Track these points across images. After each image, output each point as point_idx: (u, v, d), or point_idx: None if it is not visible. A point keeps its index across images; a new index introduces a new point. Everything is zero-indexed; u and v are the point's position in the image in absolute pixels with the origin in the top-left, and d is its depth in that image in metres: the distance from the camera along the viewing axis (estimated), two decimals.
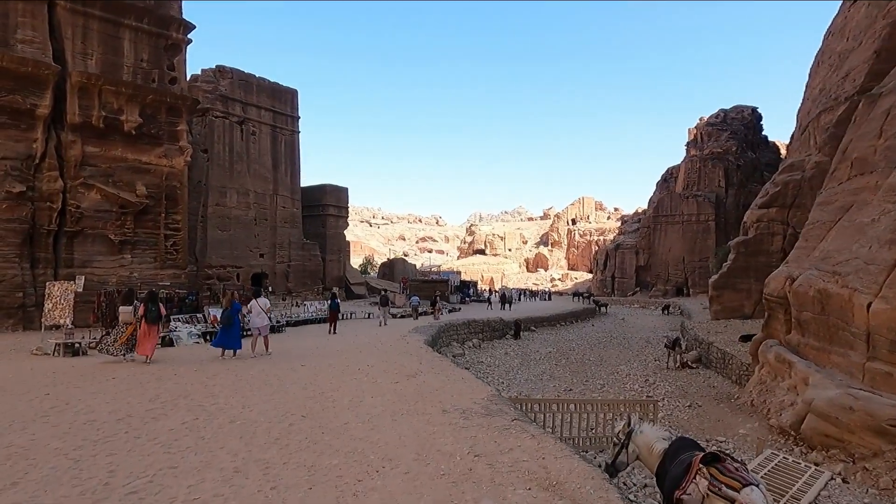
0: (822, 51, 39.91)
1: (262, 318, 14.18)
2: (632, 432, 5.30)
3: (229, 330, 13.52)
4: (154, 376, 10.51)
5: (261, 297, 14.59)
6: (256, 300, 14.36)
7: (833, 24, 38.85)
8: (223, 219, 42.13)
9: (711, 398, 13.66)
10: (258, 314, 14.13)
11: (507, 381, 17.50)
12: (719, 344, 18.39)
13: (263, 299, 14.58)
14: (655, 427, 5.41)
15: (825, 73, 36.58)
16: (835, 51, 36.23)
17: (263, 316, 14.22)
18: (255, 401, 8.24)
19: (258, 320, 14.16)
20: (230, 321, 13.51)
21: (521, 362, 22.28)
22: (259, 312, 14.13)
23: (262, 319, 14.19)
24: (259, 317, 14.13)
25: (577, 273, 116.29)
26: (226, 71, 43.66)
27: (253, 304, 14.25)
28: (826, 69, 37.03)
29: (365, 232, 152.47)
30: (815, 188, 25.67)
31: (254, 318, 14.19)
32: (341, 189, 55.10)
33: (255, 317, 14.15)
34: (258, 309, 14.13)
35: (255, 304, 14.20)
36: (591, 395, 15.40)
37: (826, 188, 13.80)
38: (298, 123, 49.01)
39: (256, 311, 14.14)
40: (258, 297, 14.55)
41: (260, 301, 14.31)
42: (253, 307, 14.20)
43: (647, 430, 5.25)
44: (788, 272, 12.70)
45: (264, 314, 14.25)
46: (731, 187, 73.68)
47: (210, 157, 41.72)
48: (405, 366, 11.35)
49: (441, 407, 7.34)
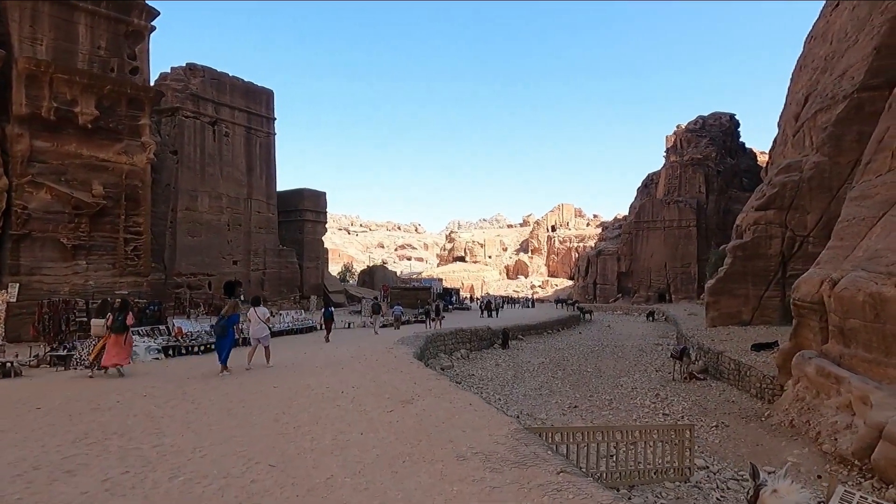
0: (805, 55, 39.60)
1: (261, 327, 13.48)
2: (761, 489, 3.65)
3: (224, 342, 12.72)
4: (90, 404, 8.60)
5: (259, 306, 13.84)
6: (255, 309, 13.61)
7: (815, 29, 38.54)
8: (194, 224, 39.82)
9: (737, 416, 12.23)
10: (256, 323, 13.45)
11: (504, 398, 15.87)
12: (731, 353, 17.05)
13: (262, 308, 13.87)
14: (794, 485, 3.69)
15: (809, 77, 36.14)
16: (818, 54, 35.82)
17: (263, 326, 13.55)
18: (210, 440, 6.45)
19: (258, 330, 13.45)
20: (224, 332, 12.75)
21: (514, 375, 20.69)
22: (257, 322, 13.45)
23: (261, 329, 13.49)
24: (258, 326, 13.44)
25: (557, 280, 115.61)
26: (197, 69, 41.50)
27: (251, 312, 13.58)
28: (810, 72, 36.60)
29: (343, 239, 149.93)
30: (815, 189, 24.74)
31: (252, 327, 13.57)
32: (319, 194, 53.05)
33: (254, 326, 13.49)
34: (256, 318, 13.45)
35: (254, 313, 13.49)
36: (599, 413, 13.87)
37: (860, 182, 12.56)
38: (274, 125, 46.96)
39: (255, 321, 13.46)
40: (257, 306, 13.78)
41: (258, 310, 13.58)
42: (251, 316, 13.53)
43: (783, 490, 3.56)
44: (823, 274, 11.37)
45: (263, 324, 13.57)
46: (712, 193, 73.60)
47: (180, 159, 39.46)
48: (398, 387, 9.58)
49: (454, 449, 5.58)
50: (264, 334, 13.61)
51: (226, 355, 12.61)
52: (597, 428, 8.48)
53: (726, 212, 72.98)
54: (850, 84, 24.66)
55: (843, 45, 28.95)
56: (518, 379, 19.85)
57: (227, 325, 12.83)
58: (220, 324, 12.92)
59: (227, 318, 12.94)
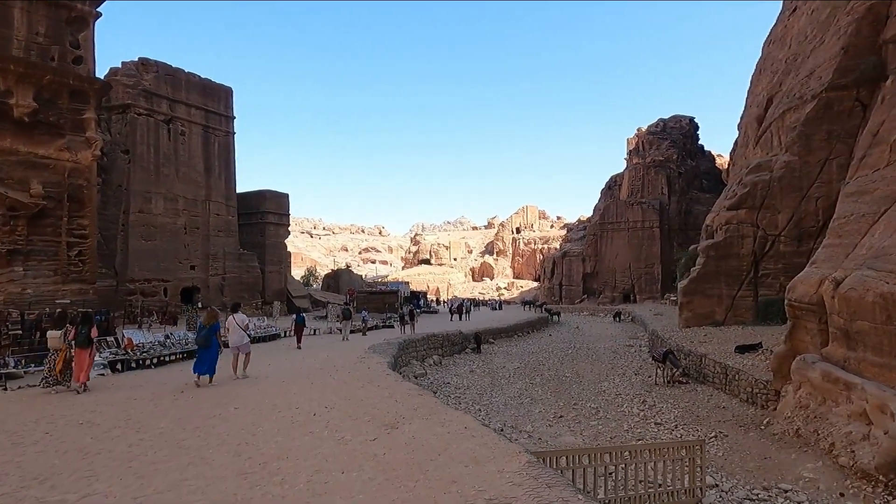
0: (764, 58, 40.22)
1: (240, 335, 13.12)
2: None
3: (206, 352, 12.14)
4: (11, 437, 7.22)
5: (238, 313, 13.58)
6: (233, 316, 13.29)
7: (773, 34, 39.20)
8: (148, 227, 37.67)
9: (733, 424, 11.58)
10: (235, 331, 13.03)
11: (484, 408, 14.93)
12: (713, 355, 16.54)
13: (240, 315, 13.58)
14: None
15: (769, 79, 36.63)
16: (777, 58, 36.35)
17: (243, 333, 13.22)
18: (154, 485, 5.25)
19: (237, 338, 13.03)
20: (207, 342, 12.16)
21: (491, 381, 19.80)
22: (237, 329, 13.06)
23: (241, 337, 13.13)
24: (237, 334, 13.05)
25: (522, 281, 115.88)
26: (150, 64, 39.33)
27: (230, 320, 13.21)
28: (770, 75, 37.12)
29: (306, 243, 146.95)
30: (786, 188, 24.73)
31: (231, 335, 13.08)
32: (282, 195, 51.21)
33: (233, 334, 13.05)
34: (236, 325, 13.07)
35: (232, 321, 13.12)
36: (587, 423, 13.07)
37: (855, 178, 12.14)
38: (234, 124, 45.05)
39: (234, 328, 13.04)
40: (235, 313, 13.50)
41: (237, 317, 13.28)
42: (230, 324, 13.13)
43: None
44: (822, 274, 10.83)
45: (243, 331, 13.24)
46: (674, 194, 74.62)
47: (132, 159, 37.29)
48: (378, 406, 8.47)
49: (461, 494, 4.40)
50: (245, 342, 13.22)
51: (210, 367, 12.10)
52: (604, 449, 7.62)
53: (688, 213, 74.19)
54: (819, 84, 24.72)
55: (805, 46, 29.19)
56: (496, 386, 18.98)
57: (210, 335, 12.21)
58: (203, 334, 12.23)
59: (210, 327, 12.31)
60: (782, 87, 31.65)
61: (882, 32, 21.84)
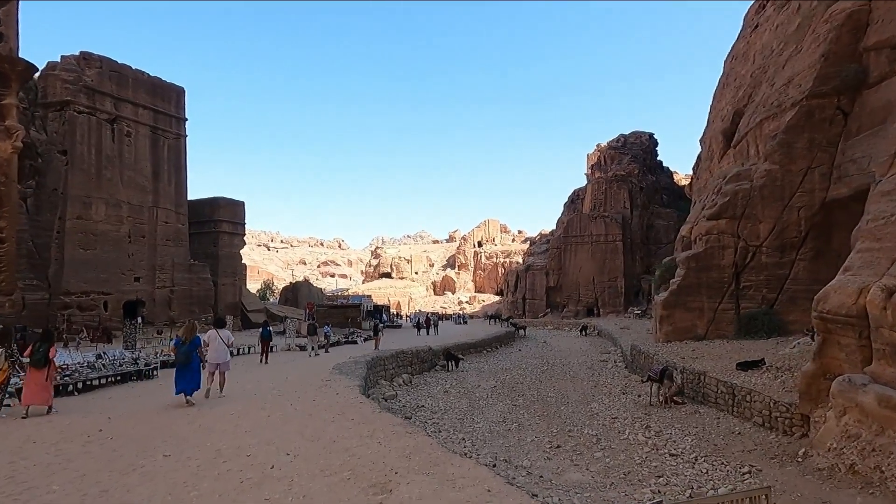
0: (727, 74, 40.41)
1: (223, 351, 12.53)
2: None
3: (187, 369, 11.39)
4: None
5: (223, 329, 13.14)
6: (219, 331, 12.75)
7: (734, 50, 39.43)
8: (87, 235, 34.41)
9: (762, 455, 10.08)
10: (218, 347, 12.41)
11: (468, 436, 13.07)
12: (715, 373, 15.18)
13: (226, 331, 13.07)
14: None
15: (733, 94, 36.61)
16: (741, 73, 36.44)
17: (225, 350, 12.66)
18: None
19: (218, 354, 12.39)
20: (188, 358, 11.47)
21: (469, 403, 17.98)
22: (221, 345, 12.48)
23: (223, 353, 12.54)
24: (219, 350, 12.44)
25: (484, 295, 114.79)
26: (93, 59, 36.29)
27: (212, 334, 12.65)
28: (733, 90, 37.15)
29: (263, 256, 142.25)
30: (767, 197, 24.00)
31: (211, 352, 12.38)
32: (237, 203, 48.34)
33: (214, 351, 12.38)
34: (220, 341, 12.48)
35: (217, 336, 12.53)
36: (591, 455, 11.35)
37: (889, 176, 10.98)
38: (185, 126, 42.17)
39: (217, 344, 12.43)
40: (220, 328, 13.01)
41: (222, 333, 12.76)
42: (212, 338, 12.50)
43: None
44: (862, 282, 9.55)
45: (227, 348, 12.74)
46: (636, 209, 75.00)
47: (70, 160, 34.09)
48: (357, 452, 6.40)
49: None
50: (226, 359, 12.68)
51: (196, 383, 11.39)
52: None
53: (649, 227, 74.68)
54: (798, 91, 24.17)
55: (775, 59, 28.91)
56: (475, 409, 17.16)
57: (192, 351, 11.52)
58: (184, 350, 11.48)
59: (191, 343, 11.62)
60: (752, 98, 31.38)
61: (863, 39, 21.41)
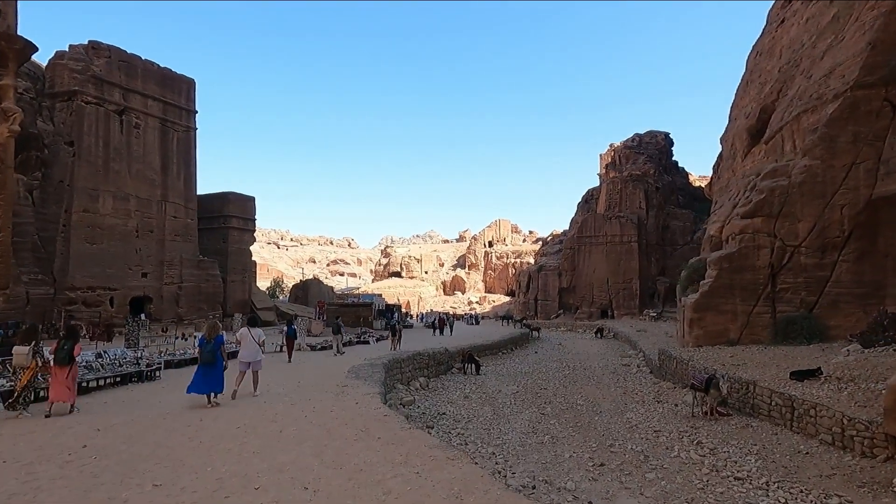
0: (750, 71, 38.96)
1: (255, 349, 12.38)
2: None
3: (211, 369, 10.97)
4: None
5: (255, 327, 13.30)
6: (251, 329, 12.70)
7: (759, 46, 37.96)
8: (93, 229, 33.57)
9: (845, 482, 8.79)
10: (250, 345, 12.30)
11: (499, 450, 11.92)
12: (767, 383, 13.92)
13: (257, 329, 13.05)
14: None
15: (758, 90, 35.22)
16: (766, 69, 35.05)
17: (257, 349, 12.47)
18: None
19: (250, 352, 12.26)
20: (213, 357, 11.05)
21: (493, 411, 16.82)
22: (252, 344, 12.36)
23: (255, 352, 12.38)
24: (251, 348, 12.32)
25: (494, 295, 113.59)
26: (101, 48, 35.49)
27: (244, 332, 12.58)
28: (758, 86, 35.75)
29: (272, 254, 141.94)
30: (807, 195, 22.63)
31: (243, 350, 12.36)
32: (247, 198, 47.44)
33: (246, 349, 12.29)
34: (251, 340, 12.39)
35: (248, 335, 12.46)
36: (642, 476, 10.12)
37: None
38: (195, 119, 41.30)
39: (248, 343, 12.32)
40: (252, 327, 13.08)
41: (254, 331, 12.68)
42: (244, 337, 12.46)
43: None
44: None
45: (258, 347, 12.53)
46: (652, 209, 73.47)
47: (77, 152, 33.27)
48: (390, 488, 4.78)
49: None
50: (258, 358, 12.51)
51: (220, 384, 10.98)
52: None
53: (665, 228, 73.15)
54: (842, 82, 22.82)
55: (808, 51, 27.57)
56: (500, 417, 16.01)
57: (216, 349, 11.11)
58: (209, 349, 11.04)
59: (215, 341, 11.23)
60: (783, 93, 30.05)
61: None
